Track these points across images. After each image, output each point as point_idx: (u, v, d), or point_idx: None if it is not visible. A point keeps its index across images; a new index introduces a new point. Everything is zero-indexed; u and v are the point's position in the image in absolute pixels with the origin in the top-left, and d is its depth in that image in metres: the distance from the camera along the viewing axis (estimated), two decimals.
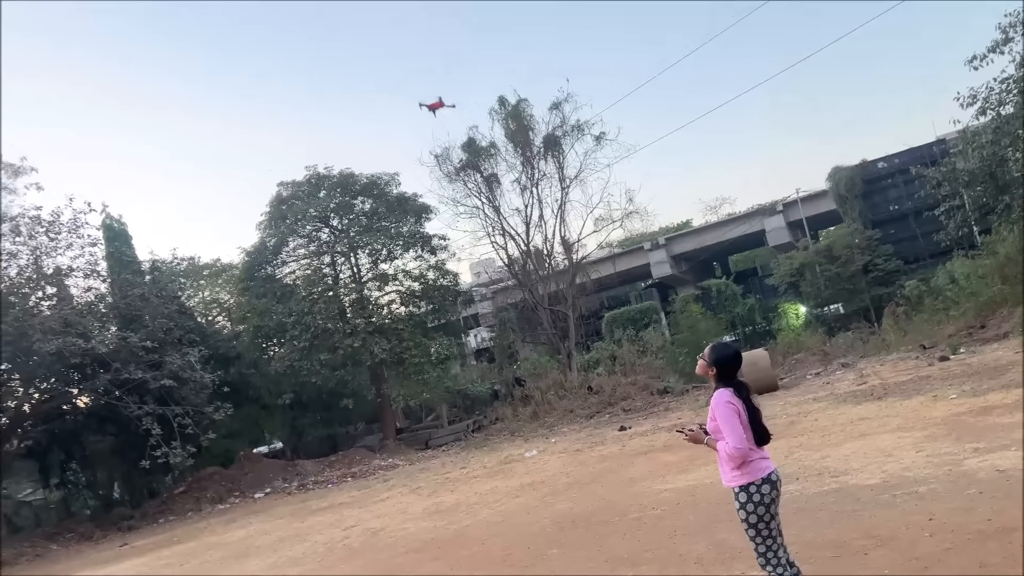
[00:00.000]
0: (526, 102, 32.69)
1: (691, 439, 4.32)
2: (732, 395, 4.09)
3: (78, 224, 23.44)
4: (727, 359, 4.23)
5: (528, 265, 33.43)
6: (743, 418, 4.05)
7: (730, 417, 4.01)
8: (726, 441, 4.02)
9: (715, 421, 4.11)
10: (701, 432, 4.26)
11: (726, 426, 4.01)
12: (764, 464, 4.08)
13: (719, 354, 4.25)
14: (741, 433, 3.99)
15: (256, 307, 28.97)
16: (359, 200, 30.93)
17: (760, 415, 4.16)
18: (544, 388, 29.11)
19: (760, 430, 4.11)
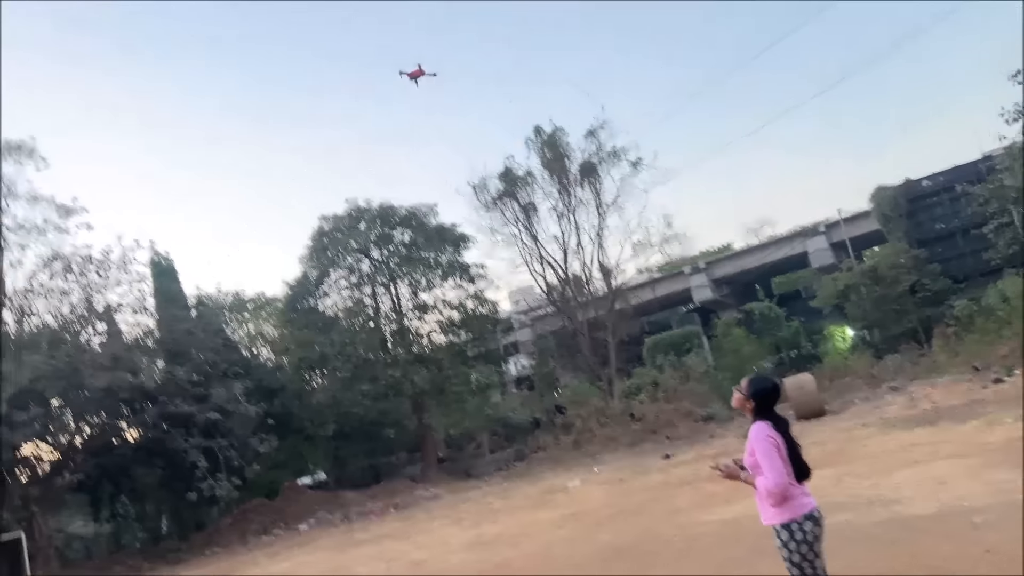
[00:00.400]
0: (562, 131, 32.92)
1: (727, 475, 4.19)
2: (771, 429, 3.97)
3: (127, 262, 24.12)
4: (766, 392, 4.12)
5: (567, 292, 33.39)
6: (782, 453, 3.93)
7: (769, 452, 3.90)
8: (765, 477, 3.90)
9: (753, 456, 3.99)
10: (737, 468, 4.14)
11: (765, 461, 3.89)
12: (805, 501, 3.95)
13: (757, 386, 4.13)
14: (781, 469, 3.86)
15: (299, 339, 29.35)
16: (398, 231, 31.31)
17: (800, 449, 4.03)
18: (585, 416, 28.89)
19: (800, 465, 3.98)
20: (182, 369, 22.76)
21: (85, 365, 21.31)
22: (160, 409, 22.24)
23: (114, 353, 22.43)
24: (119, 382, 21.12)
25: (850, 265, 37.27)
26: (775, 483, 3.84)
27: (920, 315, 33.09)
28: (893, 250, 35.81)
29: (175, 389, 22.66)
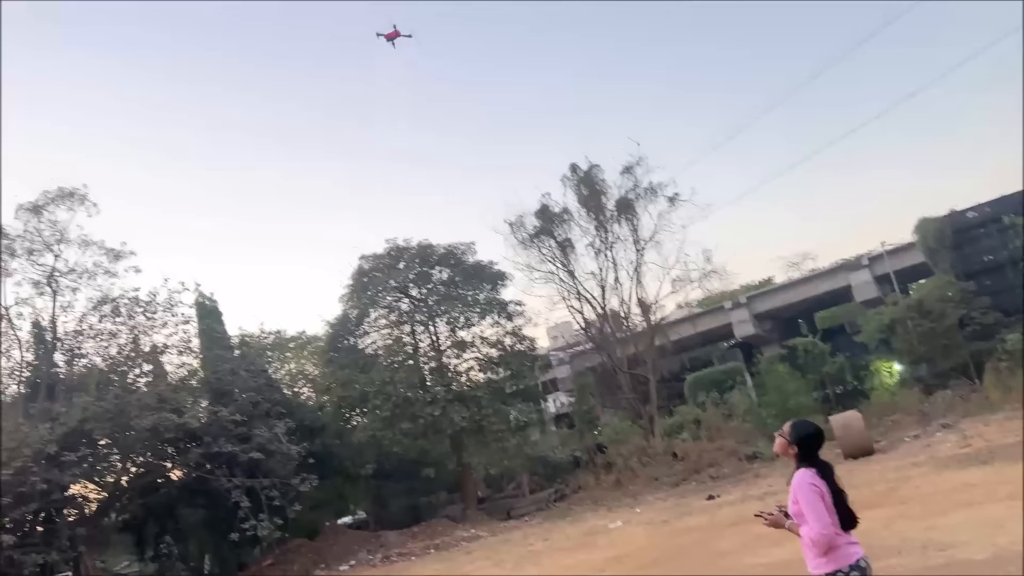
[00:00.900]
0: (598, 168, 33.05)
1: (771, 523, 4.09)
2: (815, 476, 3.88)
3: (173, 303, 24.72)
4: (809, 437, 4.03)
5: (605, 328, 33.21)
6: (827, 501, 3.83)
7: (813, 500, 3.80)
8: (809, 526, 3.80)
9: (797, 504, 3.90)
10: (782, 515, 4.04)
11: (809, 510, 3.79)
12: (852, 550, 3.83)
13: (800, 432, 4.05)
14: (826, 517, 3.77)
15: (340, 377, 29.58)
16: (437, 270, 31.59)
17: (846, 497, 3.92)
18: (626, 454, 28.48)
19: (846, 513, 3.87)
20: (226, 409, 23.04)
21: (132, 405, 21.71)
22: (204, 449, 22.49)
23: (160, 393, 22.85)
24: (164, 422, 21.45)
25: (895, 299, 36.52)
26: (819, 533, 3.75)
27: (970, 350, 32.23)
28: (940, 283, 35.03)
29: (219, 429, 22.92)
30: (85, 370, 24.20)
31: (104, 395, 21.64)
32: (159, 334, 24.93)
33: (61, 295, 24.24)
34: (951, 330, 32.67)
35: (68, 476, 21.04)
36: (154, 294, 24.55)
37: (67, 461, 20.14)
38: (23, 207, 23.90)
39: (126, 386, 23.38)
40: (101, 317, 24.40)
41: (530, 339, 32.17)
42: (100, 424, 21.47)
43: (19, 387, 24.13)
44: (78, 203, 24.20)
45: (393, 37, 26.67)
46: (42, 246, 24.07)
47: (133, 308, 24.34)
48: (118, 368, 24.34)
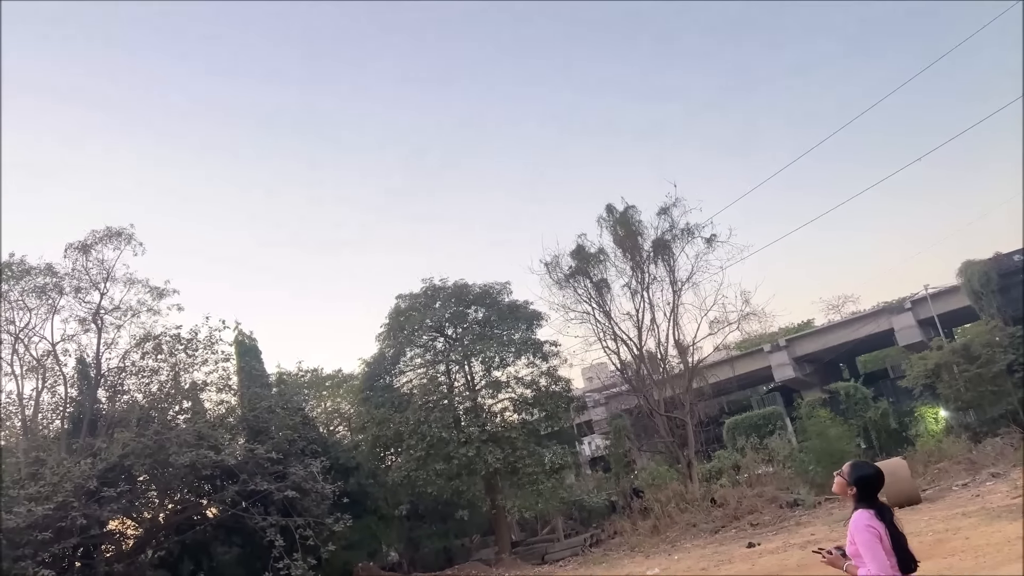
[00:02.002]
0: (634, 208, 33.05)
1: (829, 562, 4.00)
2: (873, 518, 3.79)
3: (213, 341, 25.03)
4: (869, 478, 3.95)
5: (642, 370, 32.86)
6: (886, 543, 3.73)
7: (872, 542, 3.70)
8: (867, 569, 3.70)
9: (855, 545, 3.80)
10: (840, 556, 3.94)
11: (868, 552, 3.69)
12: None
13: (859, 472, 3.98)
14: (884, 560, 3.66)
15: (375, 416, 29.61)
16: (472, 309, 31.68)
17: (905, 540, 3.82)
18: (664, 500, 27.94)
19: (905, 557, 3.77)
20: (262, 447, 23.12)
21: (171, 442, 21.91)
22: (240, 487, 22.55)
23: (198, 430, 23.04)
24: (202, 459, 21.59)
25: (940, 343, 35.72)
26: None
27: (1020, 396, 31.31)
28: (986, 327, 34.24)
29: (255, 467, 23.00)
30: (126, 406, 24.56)
31: (144, 431, 21.89)
32: (199, 371, 25.28)
33: (106, 332, 24.76)
34: (999, 376, 31.84)
35: (107, 512, 21.21)
36: (195, 332, 24.94)
37: (106, 496, 20.31)
38: (72, 246, 24.57)
39: (166, 423, 23.64)
40: (143, 354, 24.82)
41: (565, 380, 31.94)
42: (140, 460, 21.70)
43: (62, 422, 24.54)
44: (125, 242, 24.81)
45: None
46: (89, 284, 24.68)
47: (175, 345, 24.74)
48: (158, 405, 24.66)
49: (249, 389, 26.62)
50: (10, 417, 24.14)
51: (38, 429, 23.90)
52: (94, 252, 24.63)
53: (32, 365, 24.15)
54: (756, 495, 26.25)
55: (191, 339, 24.81)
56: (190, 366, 25.01)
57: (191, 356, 24.89)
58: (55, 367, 24.40)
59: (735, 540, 21.21)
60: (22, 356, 24.00)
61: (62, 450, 21.92)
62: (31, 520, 18.45)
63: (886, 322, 42.31)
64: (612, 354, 33.00)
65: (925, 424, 35.61)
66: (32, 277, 24.03)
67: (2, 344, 23.80)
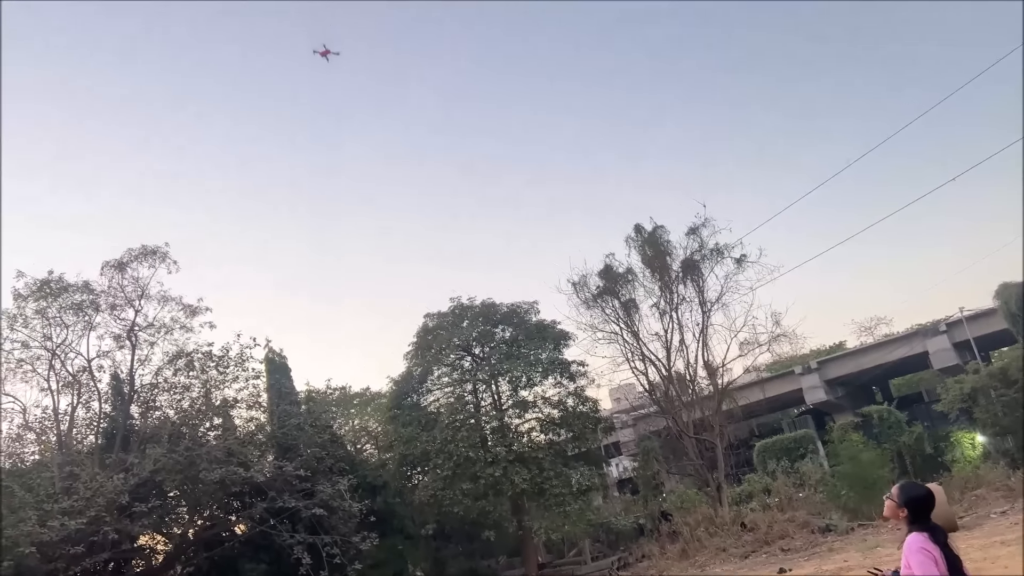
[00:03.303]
0: (662, 228, 32.91)
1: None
2: (927, 540, 3.69)
3: (244, 358, 25.23)
4: (920, 500, 3.86)
5: (670, 391, 32.55)
6: (941, 567, 3.63)
7: (927, 565, 3.61)
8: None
9: (909, 568, 3.71)
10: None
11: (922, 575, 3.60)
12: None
13: (910, 494, 3.89)
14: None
15: (402, 435, 29.62)
16: (500, 328, 31.67)
17: (961, 563, 3.72)
18: (693, 523, 27.55)
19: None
20: (291, 464, 23.24)
21: (201, 458, 22.09)
22: (268, 504, 22.65)
23: (228, 447, 23.22)
24: (232, 476, 21.74)
25: (976, 367, 35.03)
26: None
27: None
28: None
29: (283, 484, 23.10)
30: (158, 422, 24.82)
31: (175, 447, 22.10)
32: (230, 388, 25.47)
33: (139, 349, 25.10)
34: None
35: (138, 527, 21.43)
36: (227, 349, 25.17)
37: (138, 512, 20.51)
38: (109, 264, 25.01)
39: (196, 439, 23.85)
40: (176, 371, 25.10)
41: (593, 400, 31.73)
42: (171, 476, 21.91)
43: (96, 438, 24.86)
44: (159, 260, 25.21)
45: (325, 55, 29.51)
46: (124, 301, 25.07)
47: (206, 362, 24.99)
48: (189, 421, 24.89)
49: (278, 406, 26.78)
50: (46, 432, 24.49)
51: (72, 444, 24.21)
52: (129, 270, 25.07)
53: (68, 381, 24.52)
54: (787, 520, 25.79)
55: (222, 356, 25.06)
56: (221, 383, 25.24)
57: (222, 373, 25.12)
58: (90, 383, 24.76)
59: (766, 565, 20.85)
60: (59, 372, 24.38)
61: (95, 465, 22.17)
62: (64, 534, 18.66)
63: (920, 345, 41.59)
64: (640, 375, 32.77)
65: (961, 450, 34.83)
66: (70, 294, 24.46)
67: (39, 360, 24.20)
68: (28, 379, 24.13)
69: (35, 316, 24.19)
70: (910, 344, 42.09)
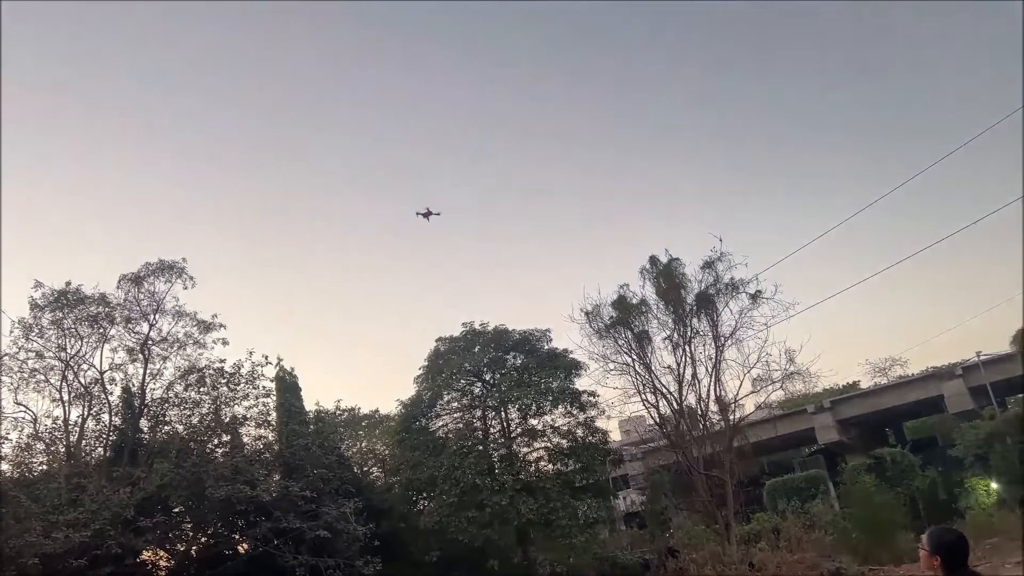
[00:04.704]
0: (678, 261, 32.77)
1: None
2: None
3: (255, 376, 25.31)
4: (952, 545, 3.75)
5: (681, 425, 32.23)
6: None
7: None
8: None
9: None
10: None
11: None
12: None
13: (941, 540, 3.78)
14: None
15: (409, 459, 29.50)
16: (511, 355, 31.59)
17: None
18: (700, 561, 27.14)
19: None
20: (297, 484, 23.18)
21: (208, 475, 22.10)
22: (273, 523, 22.57)
23: (236, 465, 23.21)
24: (238, 494, 21.70)
25: (992, 412, 34.58)
26: None
27: None
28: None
29: (288, 504, 23.02)
30: (167, 437, 24.86)
31: (183, 463, 22.14)
32: (240, 406, 25.53)
33: (152, 363, 25.22)
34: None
35: (142, 541, 21.38)
36: (239, 366, 25.26)
37: (143, 527, 20.50)
38: (126, 277, 25.22)
39: (204, 455, 23.87)
40: (187, 386, 25.17)
41: (602, 432, 31.51)
42: (177, 491, 21.94)
43: (105, 450, 24.90)
44: (176, 276, 25.41)
45: (428, 215, 32.28)
46: (139, 315, 25.25)
47: (217, 379, 25.06)
48: (198, 437, 24.92)
49: (287, 426, 26.75)
50: (55, 442, 24.56)
51: (81, 456, 24.26)
52: (146, 284, 25.28)
53: (80, 392, 24.64)
54: (796, 561, 25.37)
55: (234, 373, 25.14)
56: (231, 400, 25.30)
57: (233, 390, 25.18)
58: (101, 395, 24.86)
59: None
60: (71, 383, 24.49)
61: (102, 478, 22.21)
62: (68, 546, 18.66)
63: (935, 388, 41.08)
64: (651, 407, 32.44)
65: (976, 496, 34.27)
66: (86, 306, 24.67)
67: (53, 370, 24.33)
68: (40, 389, 24.29)
69: (51, 327, 24.39)
70: (925, 387, 41.58)
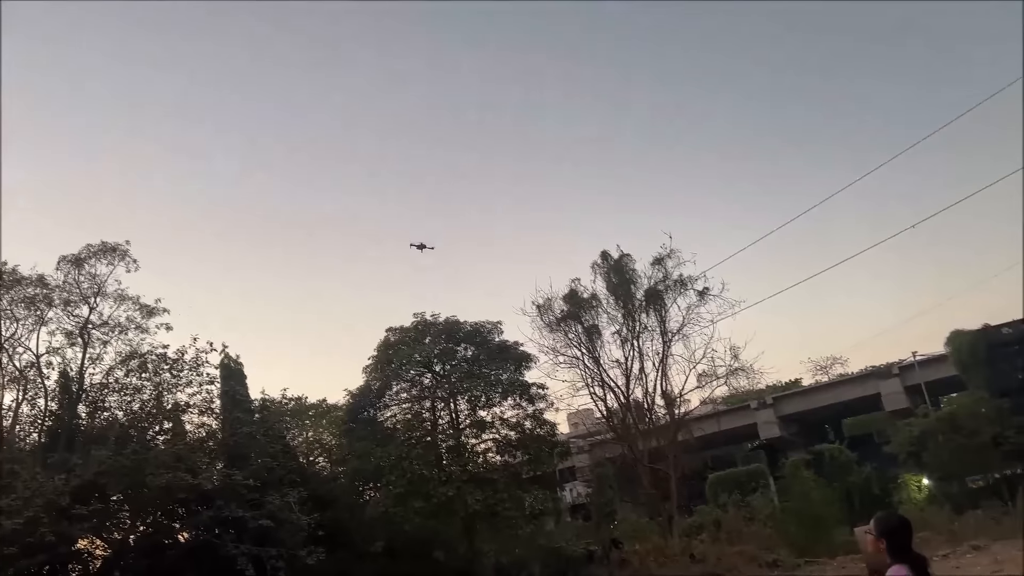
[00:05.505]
0: (629, 257, 33.24)
1: None
2: (909, 573, 3.79)
3: (199, 363, 24.78)
4: (896, 528, 3.95)
5: (628, 419, 32.72)
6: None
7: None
8: None
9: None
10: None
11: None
12: None
13: (885, 524, 3.99)
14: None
15: (356, 449, 29.31)
16: (462, 347, 31.54)
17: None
18: (643, 553, 27.67)
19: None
20: (240, 473, 22.79)
21: (148, 463, 21.58)
22: (215, 512, 22.20)
23: (177, 452, 22.72)
24: (179, 482, 21.24)
25: (926, 411, 35.80)
26: None
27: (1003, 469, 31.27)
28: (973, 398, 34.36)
29: (231, 493, 22.63)
30: (106, 423, 24.23)
31: (122, 450, 21.56)
32: (183, 392, 24.95)
33: (91, 347, 24.53)
34: (984, 448, 31.80)
35: (77, 530, 20.79)
36: (182, 352, 24.69)
37: (78, 515, 19.92)
38: (66, 259, 24.48)
39: (144, 443, 23.32)
40: (128, 371, 24.56)
41: (550, 424, 31.72)
42: (115, 479, 21.33)
43: (40, 436, 24.20)
44: (119, 258, 24.74)
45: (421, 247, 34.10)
46: (79, 298, 24.53)
47: (160, 365, 24.48)
48: (138, 424, 24.35)
49: (231, 414, 26.25)
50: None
51: (14, 441, 23.53)
52: (87, 266, 24.55)
53: (14, 376, 23.88)
54: (736, 553, 26.00)
55: (177, 359, 24.55)
56: (174, 387, 24.73)
57: (176, 376, 24.62)
58: (37, 379, 24.13)
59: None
60: (5, 366, 23.74)
61: (37, 464, 21.53)
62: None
63: (873, 386, 42.40)
64: (599, 401, 32.92)
65: (908, 492, 35.49)
66: (23, 287, 23.88)
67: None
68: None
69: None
70: (863, 385, 42.92)
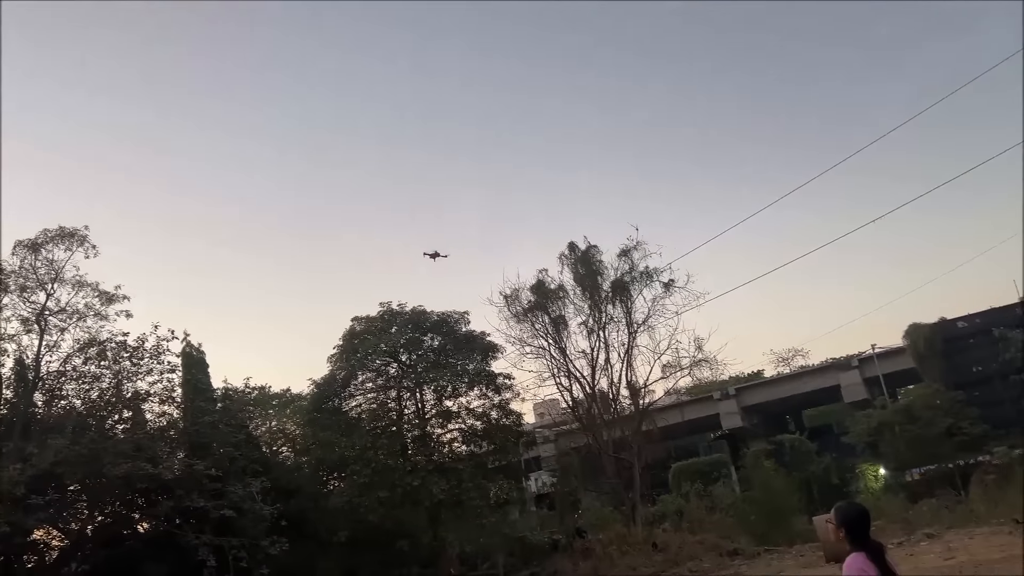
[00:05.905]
0: (596, 248, 33.39)
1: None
2: (865, 560, 3.93)
3: (160, 351, 24.34)
4: (855, 518, 4.08)
5: (593, 409, 32.94)
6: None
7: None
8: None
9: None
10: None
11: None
12: None
13: (844, 514, 4.12)
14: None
15: (320, 439, 29.11)
16: (429, 336, 31.43)
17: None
18: (606, 541, 27.92)
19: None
20: (202, 463, 22.48)
21: (107, 452, 21.18)
22: (175, 502, 21.88)
23: (137, 442, 22.39)
24: (138, 472, 20.89)
25: (883, 402, 36.60)
26: None
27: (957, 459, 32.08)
28: (928, 390, 35.17)
29: (192, 483, 22.32)
30: (63, 412, 23.71)
31: (80, 439, 21.12)
32: (143, 381, 24.47)
33: (48, 334, 23.92)
34: (939, 438, 32.61)
35: (32, 520, 20.37)
36: (142, 340, 24.22)
37: (33, 504, 19.53)
38: (21, 243, 23.85)
39: (103, 432, 22.89)
40: (86, 359, 24.02)
41: (516, 414, 31.81)
42: (72, 469, 20.91)
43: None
44: (77, 244, 24.16)
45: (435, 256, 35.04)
46: (36, 284, 23.89)
47: (119, 353, 23.98)
48: (97, 413, 23.87)
49: (193, 403, 25.86)
50: None
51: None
52: (44, 251, 23.91)
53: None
54: (698, 542, 26.36)
55: (137, 347, 24.08)
56: (134, 375, 24.25)
57: (136, 365, 24.15)
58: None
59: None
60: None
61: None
62: None
63: (833, 378, 43.18)
64: (565, 391, 33.08)
65: (865, 481, 36.26)
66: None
67: None
68: None
69: None
70: (824, 377, 43.70)
